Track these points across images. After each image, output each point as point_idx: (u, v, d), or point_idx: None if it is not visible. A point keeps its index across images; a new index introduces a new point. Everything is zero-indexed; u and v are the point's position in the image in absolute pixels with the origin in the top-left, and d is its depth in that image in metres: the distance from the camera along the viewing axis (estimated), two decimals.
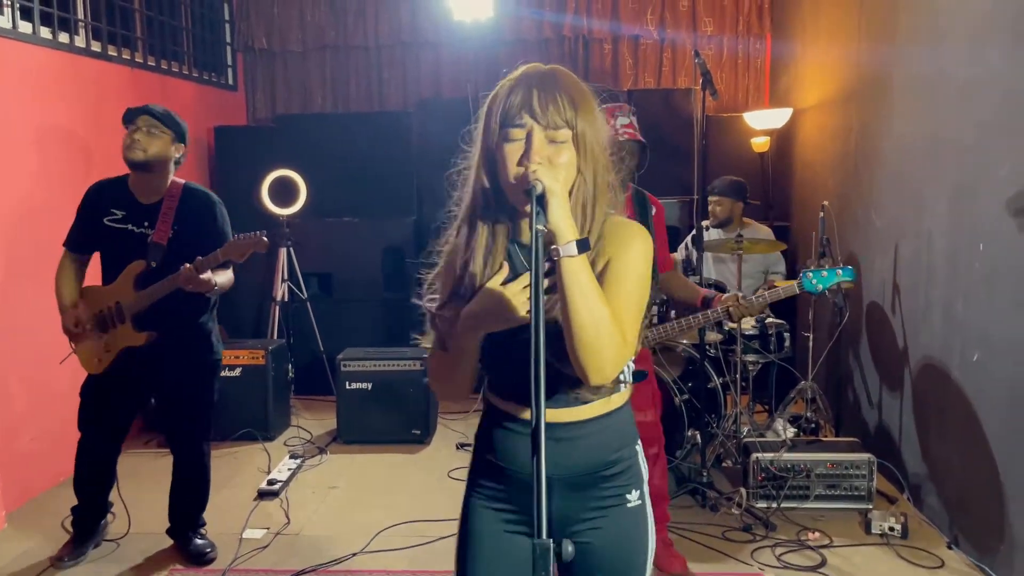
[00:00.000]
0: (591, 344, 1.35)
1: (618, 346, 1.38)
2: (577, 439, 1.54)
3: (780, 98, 5.89)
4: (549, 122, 1.42)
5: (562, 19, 6.17)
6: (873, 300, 4.17)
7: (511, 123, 1.43)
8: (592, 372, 1.38)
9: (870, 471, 3.62)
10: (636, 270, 1.47)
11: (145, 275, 3.07)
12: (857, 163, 4.40)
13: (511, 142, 1.44)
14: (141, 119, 3.05)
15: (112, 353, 3.14)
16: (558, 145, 1.43)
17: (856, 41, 4.41)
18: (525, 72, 1.49)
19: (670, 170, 5.55)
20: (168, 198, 3.12)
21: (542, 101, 1.42)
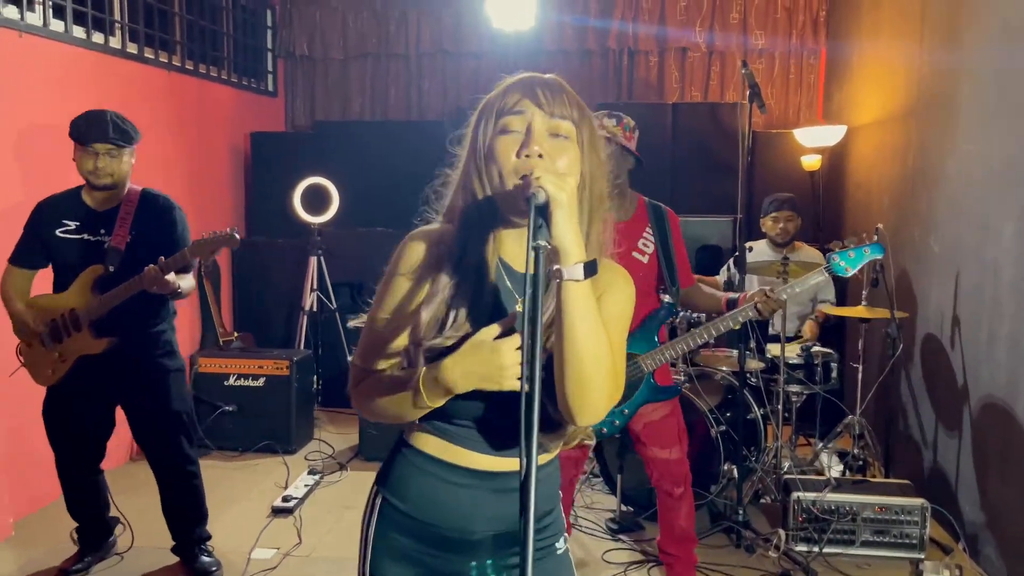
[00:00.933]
0: (590, 379, 1.18)
1: (613, 384, 1.24)
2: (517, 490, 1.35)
3: (834, 115, 5.61)
4: (554, 111, 1.26)
5: (608, 27, 5.98)
6: (930, 332, 3.88)
7: (511, 111, 1.27)
8: (585, 411, 1.22)
9: (923, 517, 3.33)
10: (623, 313, 1.37)
11: (104, 280, 2.95)
12: (915, 184, 4.12)
13: (508, 134, 1.27)
14: (100, 145, 2.91)
15: (67, 363, 3.02)
16: (560, 140, 1.27)
17: (917, 53, 4.14)
18: (523, 77, 1.33)
19: (715, 187, 5.32)
20: (125, 203, 3.01)
21: (546, 91, 1.27)
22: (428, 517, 1.38)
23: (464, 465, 1.36)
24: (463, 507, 1.37)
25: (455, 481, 1.37)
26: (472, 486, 1.37)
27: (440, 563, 1.39)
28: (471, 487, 1.37)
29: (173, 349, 3.17)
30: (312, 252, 5.31)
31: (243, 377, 4.67)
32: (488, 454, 1.36)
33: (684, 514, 3.04)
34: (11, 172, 3.66)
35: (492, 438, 1.35)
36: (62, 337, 3.01)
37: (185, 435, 3.20)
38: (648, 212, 2.95)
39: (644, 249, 2.91)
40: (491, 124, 1.29)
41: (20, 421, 3.65)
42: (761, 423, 3.88)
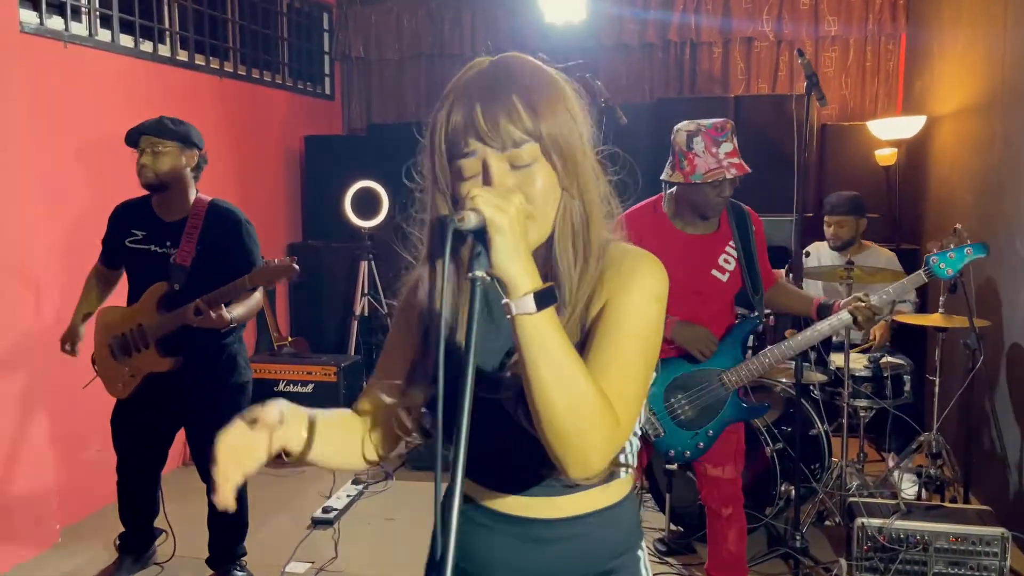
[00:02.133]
0: (567, 432, 0.99)
1: (607, 431, 1.02)
2: (558, 542, 1.18)
3: (914, 104, 5.22)
4: (504, 143, 1.05)
5: (668, 19, 5.72)
6: (1016, 342, 3.53)
7: (459, 154, 1.08)
8: (572, 465, 1.02)
9: (1003, 548, 3.00)
10: (641, 318, 1.10)
11: (168, 298, 2.92)
12: (1001, 179, 3.75)
13: (466, 180, 1.08)
14: (142, 141, 2.90)
15: (137, 378, 3.00)
16: (524, 170, 1.07)
17: (1002, 34, 3.77)
18: (467, 76, 1.12)
19: (780, 184, 4.98)
20: (192, 216, 2.96)
21: (489, 116, 1.05)
22: (466, 563, 1.21)
23: (487, 505, 1.21)
24: (489, 553, 1.20)
25: (483, 523, 1.21)
26: (496, 530, 1.20)
27: None
28: (500, 532, 1.20)
29: (236, 363, 3.12)
30: (363, 256, 5.25)
31: (292, 383, 4.65)
32: (510, 495, 1.19)
33: (733, 538, 2.83)
34: (62, 182, 3.70)
35: (512, 475, 1.17)
36: (131, 352, 3.01)
37: None
38: (731, 221, 2.76)
39: (725, 266, 2.73)
40: (445, 164, 1.10)
41: (70, 428, 3.70)
42: (825, 440, 3.60)
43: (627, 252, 1.14)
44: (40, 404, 3.56)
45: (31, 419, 3.54)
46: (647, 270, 1.12)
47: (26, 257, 3.49)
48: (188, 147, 2.97)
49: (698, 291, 2.70)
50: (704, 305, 2.72)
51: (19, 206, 3.44)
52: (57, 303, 3.65)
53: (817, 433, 3.59)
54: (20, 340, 3.47)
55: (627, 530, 1.24)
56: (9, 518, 3.40)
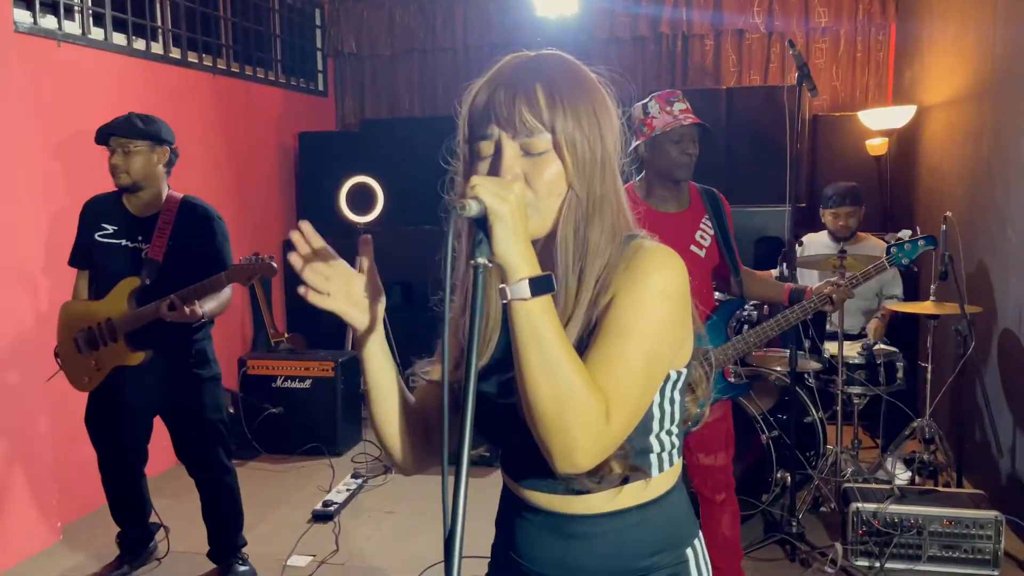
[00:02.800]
0: (552, 422, 1.00)
1: (594, 426, 1.01)
2: (587, 537, 1.18)
3: (904, 94, 5.26)
4: (518, 129, 1.08)
5: (660, 13, 5.75)
6: (1007, 328, 3.57)
7: (478, 135, 1.12)
8: (557, 459, 1.03)
9: (997, 531, 3.06)
10: (651, 316, 1.07)
11: (140, 292, 2.93)
12: (991, 168, 3.79)
13: (483, 160, 1.12)
14: (112, 141, 2.91)
15: (103, 372, 3.01)
16: (536, 157, 1.09)
17: (992, 24, 3.81)
18: (500, 65, 1.15)
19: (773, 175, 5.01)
20: (164, 212, 2.98)
21: (508, 101, 1.08)
22: (518, 553, 1.25)
23: (529, 501, 1.22)
24: (535, 546, 1.22)
25: (528, 517, 1.22)
26: (540, 524, 1.21)
27: None
28: (540, 525, 1.21)
29: (207, 358, 3.15)
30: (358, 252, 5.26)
31: (290, 379, 4.67)
32: (540, 491, 1.19)
33: (727, 523, 2.87)
34: (56, 180, 3.71)
35: (540, 472, 1.15)
36: (98, 345, 3.02)
37: (221, 444, 3.18)
38: (703, 200, 2.80)
39: (702, 242, 2.75)
40: (466, 144, 1.15)
41: (69, 426, 3.69)
42: (820, 427, 3.64)
43: (640, 248, 1.13)
44: (39, 401, 3.58)
45: (30, 417, 3.55)
46: (654, 266, 1.09)
47: (23, 254, 3.50)
48: (159, 144, 2.98)
49: None
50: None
51: (14, 204, 3.45)
52: (53, 299, 3.66)
53: (812, 420, 3.63)
54: (18, 337, 3.48)
55: (667, 527, 1.21)
56: (10, 515, 3.41)
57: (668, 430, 1.19)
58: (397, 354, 4.54)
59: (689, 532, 1.24)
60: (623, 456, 1.11)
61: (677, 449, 1.21)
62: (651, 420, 1.17)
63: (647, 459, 1.17)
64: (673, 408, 1.19)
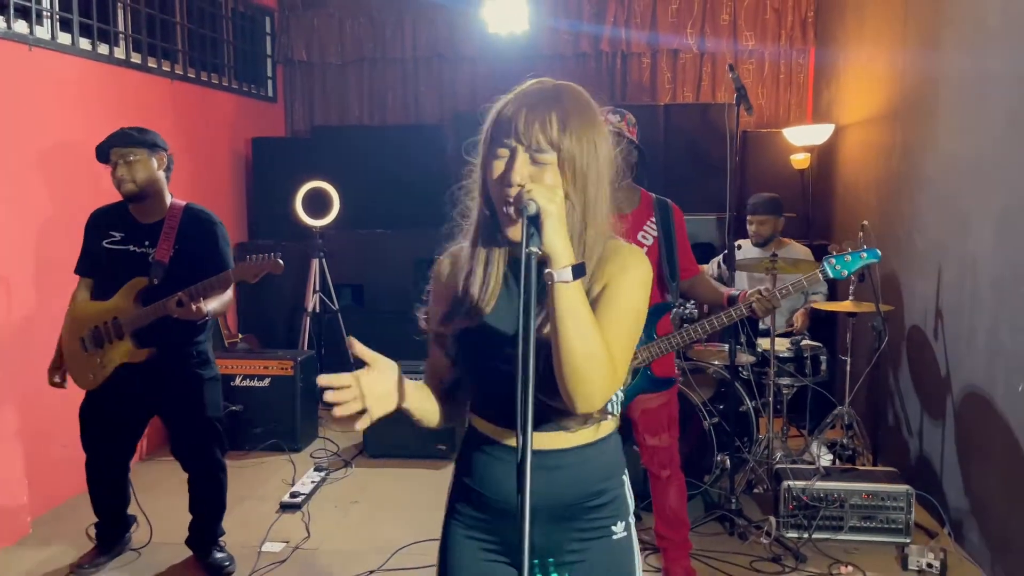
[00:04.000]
0: (582, 373, 1.31)
1: (608, 377, 1.34)
2: (561, 468, 1.50)
3: (822, 114, 5.74)
4: (531, 143, 1.37)
5: (600, 32, 6.10)
6: (915, 324, 4.01)
7: (498, 141, 1.40)
8: (580, 401, 1.33)
9: (908, 503, 3.46)
10: (631, 298, 1.43)
11: (147, 292, 3.07)
12: (900, 183, 4.25)
13: (498, 159, 1.40)
14: (112, 154, 3.05)
15: (107, 369, 3.12)
16: (541, 167, 1.38)
17: (901, 53, 4.27)
18: (527, 88, 1.45)
19: (706, 186, 5.44)
20: (169, 217, 3.13)
21: (528, 121, 1.37)
22: (487, 491, 1.53)
23: (507, 443, 1.50)
24: (507, 479, 1.49)
25: (503, 458, 1.51)
26: (511, 461, 1.44)
27: (501, 532, 1.53)
28: (510, 462, 1.45)
29: (208, 359, 3.29)
30: (314, 254, 5.43)
31: (249, 378, 4.79)
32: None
33: (673, 496, 3.16)
34: (31, 185, 3.78)
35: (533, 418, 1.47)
36: (103, 343, 3.12)
37: (218, 442, 3.33)
38: (654, 206, 3.08)
39: (644, 241, 3.05)
40: (488, 144, 1.43)
41: (39, 423, 3.77)
42: (753, 415, 4.01)
43: (621, 247, 1.47)
44: (8, 398, 3.64)
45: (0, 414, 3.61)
46: (636, 262, 1.45)
47: None
48: (156, 151, 3.13)
49: None
50: None
51: None
52: (25, 301, 3.73)
53: (746, 410, 3.99)
54: None
55: (611, 460, 1.55)
56: None
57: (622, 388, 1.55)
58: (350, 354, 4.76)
59: (623, 464, 1.59)
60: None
61: (621, 402, 1.59)
62: None
63: (607, 407, 1.50)
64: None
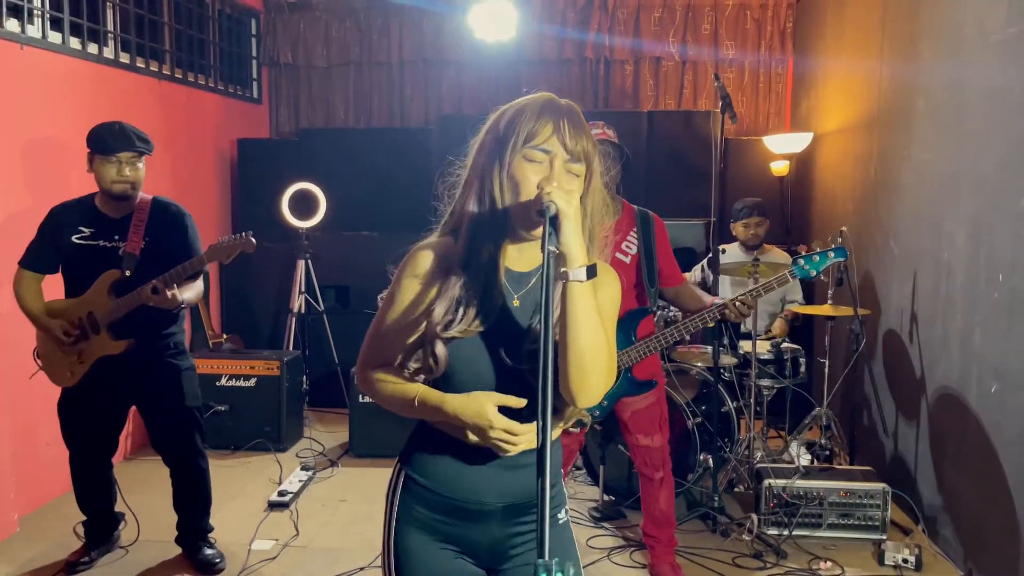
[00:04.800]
0: (589, 368, 1.39)
1: (609, 372, 1.44)
2: (526, 466, 1.56)
3: (801, 122, 5.88)
4: (573, 153, 1.44)
5: (584, 38, 6.20)
6: (891, 328, 4.13)
7: (537, 146, 1.44)
8: (583, 395, 1.42)
9: (884, 501, 3.57)
10: (611, 308, 1.55)
11: (120, 284, 3.09)
12: (876, 190, 4.37)
13: (531, 163, 1.44)
14: (123, 155, 3.05)
15: (86, 364, 3.14)
16: (572, 177, 1.46)
17: (878, 64, 4.40)
18: (550, 101, 1.49)
19: (688, 192, 5.56)
20: (138, 211, 3.15)
21: (573, 132, 1.45)
22: (446, 491, 1.56)
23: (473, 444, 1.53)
24: (476, 481, 1.55)
25: (467, 458, 1.55)
26: (483, 462, 1.55)
27: (458, 531, 1.57)
28: (482, 463, 1.55)
29: (183, 349, 3.32)
30: (300, 255, 5.45)
31: (235, 378, 4.81)
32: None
33: (664, 498, 3.24)
34: (16, 181, 3.78)
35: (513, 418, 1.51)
36: (79, 339, 3.14)
37: (198, 431, 3.35)
38: (635, 217, 3.15)
39: (627, 251, 3.12)
40: (518, 147, 1.45)
41: (25, 419, 3.77)
42: (735, 416, 4.10)
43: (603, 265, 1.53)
44: None
45: None
46: (615, 280, 1.58)
47: None
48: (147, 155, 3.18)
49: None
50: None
51: None
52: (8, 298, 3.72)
53: (728, 410, 4.09)
54: None
55: (559, 454, 1.76)
56: None
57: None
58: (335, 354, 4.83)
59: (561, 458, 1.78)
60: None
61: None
62: None
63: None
64: None
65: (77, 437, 3.28)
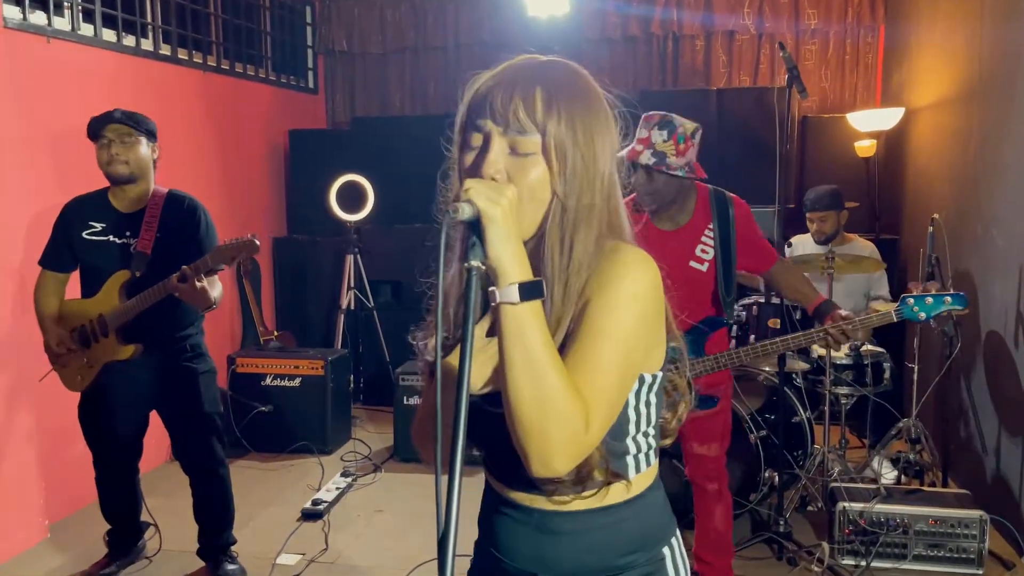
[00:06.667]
0: (532, 427, 1.01)
1: (573, 432, 1.02)
2: (565, 535, 1.20)
3: (892, 96, 5.30)
4: (510, 125, 1.08)
5: (651, 14, 5.76)
6: (992, 329, 3.61)
7: (470, 126, 1.12)
8: (534, 463, 1.04)
9: (982, 530, 3.09)
10: (623, 320, 1.08)
11: (130, 285, 2.93)
12: (977, 171, 3.83)
13: (470, 151, 1.12)
14: (108, 130, 2.88)
15: (95, 369, 3.01)
16: (522, 158, 1.09)
17: (979, 27, 3.84)
18: (505, 65, 1.16)
19: (761, 176, 5.05)
20: (151, 206, 2.98)
21: (505, 97, 1.08)
22: (499, 550, 1.26)
23: (510, 499, 1.23)
24: (517, 542, 1.24)
25: (509, 514, 1.24)
26: (520, 520, 1.23)
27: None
28: (520, 522, 1.23)
29: (201, 352, 3.15)
30: (348, 250, 5.27)
31: (279, 377, 4.66)
32: (522, 490, 1.21)
33: (720, 515, 2.88)
34: (46, 177, 3.69)
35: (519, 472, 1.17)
36: (90, 343, 3.01)
37: (217, 437, 3.18)
38: (711, 207, 2.75)
39: (703, 256, 2.73)
40: (458, 134, 1.16)
41: (57, 423, 3.69)
42: (808, 427, 3.67)
43: (611, 251, 1.13)
44: (24, 400, 3.56)
45: (15, 415, 3.54)
46: (625, 269, 1.10)
47: (7, 252, 3.48)
48: (152, 139, 2.99)
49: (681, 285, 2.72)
50: (691, 299, 2.73)
51: (3, 201, 3.43)
52: None
53: (800, 420, 3.66)
54: (5, 335, 3.46)
55: (644, 526, 1.23)
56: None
57: (644, 432, 1.20)
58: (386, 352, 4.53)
59: (666, 531, 1.26)
60: (603, 462, 1.13)
61: (654, 450, 1.23)
62: (627, 423, 1.18)
63: (624, 461, 1.19)
64: (649, 410, 1.20)
65: (97, 442, 3.17)
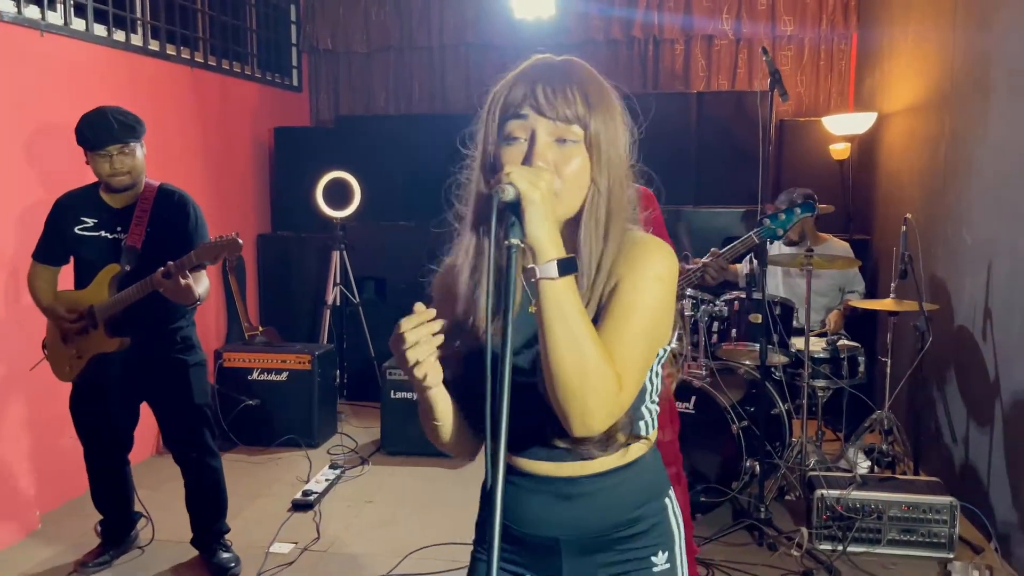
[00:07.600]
0: (574, 390, 1.11)
1: (609, 394, 1.13)
2: (585, 496, 1.31)
3: (865, 101, 5.47)
4: (558, 114, 1.18)
5: (632, 17, 5.88)
6: (962, 324, 3.76)
7: (511, 117, 1.21)
8: (575, 423, 1.14)
9: (952, 516, 3.23)
10: (649, 298, 1.21)
11: (120, 279, 2.97)
12: (946, 174, 3.99)
13: (511, 143, 1.21)
14: (111, 147, 2.90)
15: (83, 360, 3.04)
16: (567, 146, 1.20)
17: (951, 35, 4.00)
18: (531, 63, 1.26)
19: (740, 177, 5.21)
20: (141, 200, 3.02)
21: (548, 92, 1.19)
22: (511, 520, 1.35)
23: (525, 470, 1.33)
24: (533, 512, 1.33)
25: (523, 485, 1.33)
26: (536, 490, 1.33)
27: (531, 562, 1.37)
28: (536, 491, 1.33)
29: (192, 344, 3.19)
30: (335, 247, 5.32)
31: (266, 372, 4.70)
32: (542, 460, 1.31)
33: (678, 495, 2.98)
34: (38, 169, 3.71)
35: (539, 443, 1.30)
36: (80, 334, 3.04)
37: (208, 428, 3.23)
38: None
39: None
40: (494, 128, 1.24)
41: (48, 415, 3.71)
42: (786, 419, 3.80)
43: (637, 239, 1.26)
44: (15, 391, 3.58)
45: (7, 406, 3.55)
46: (651, 253, 1.24)
47: (1, 245, 3.50)
48: (141, 139, 3.03)
49: None
50: None
51: None
52: None
53: (779, 412, 3.79)
54: None
55: (648, 482, 1.36)
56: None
57: (654, 400, 1.34)
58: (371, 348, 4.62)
59: (665, 485, 1.40)
60: (626, 426, 1.26)
61: (655, 417, 1.36)
62: (645, 392, 1.31)
63: (639, 426, 1.32)
64: (657, 381, 1.34)
65: (87, 433, 3.20)
